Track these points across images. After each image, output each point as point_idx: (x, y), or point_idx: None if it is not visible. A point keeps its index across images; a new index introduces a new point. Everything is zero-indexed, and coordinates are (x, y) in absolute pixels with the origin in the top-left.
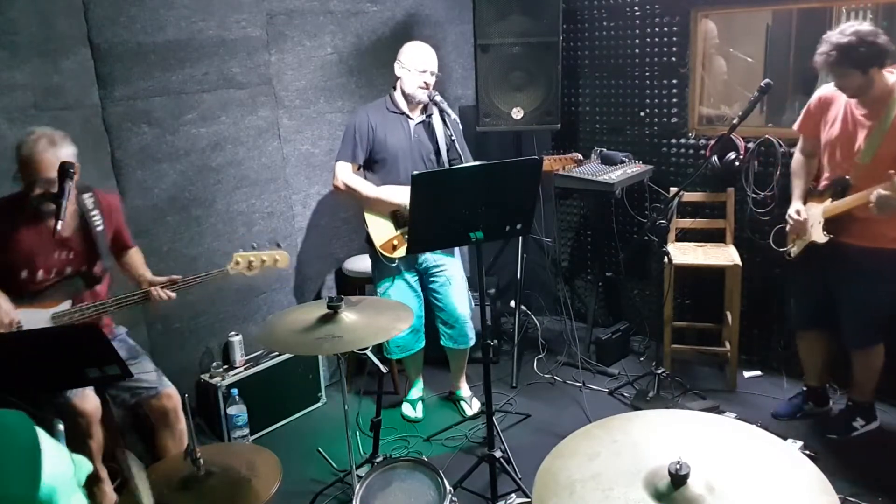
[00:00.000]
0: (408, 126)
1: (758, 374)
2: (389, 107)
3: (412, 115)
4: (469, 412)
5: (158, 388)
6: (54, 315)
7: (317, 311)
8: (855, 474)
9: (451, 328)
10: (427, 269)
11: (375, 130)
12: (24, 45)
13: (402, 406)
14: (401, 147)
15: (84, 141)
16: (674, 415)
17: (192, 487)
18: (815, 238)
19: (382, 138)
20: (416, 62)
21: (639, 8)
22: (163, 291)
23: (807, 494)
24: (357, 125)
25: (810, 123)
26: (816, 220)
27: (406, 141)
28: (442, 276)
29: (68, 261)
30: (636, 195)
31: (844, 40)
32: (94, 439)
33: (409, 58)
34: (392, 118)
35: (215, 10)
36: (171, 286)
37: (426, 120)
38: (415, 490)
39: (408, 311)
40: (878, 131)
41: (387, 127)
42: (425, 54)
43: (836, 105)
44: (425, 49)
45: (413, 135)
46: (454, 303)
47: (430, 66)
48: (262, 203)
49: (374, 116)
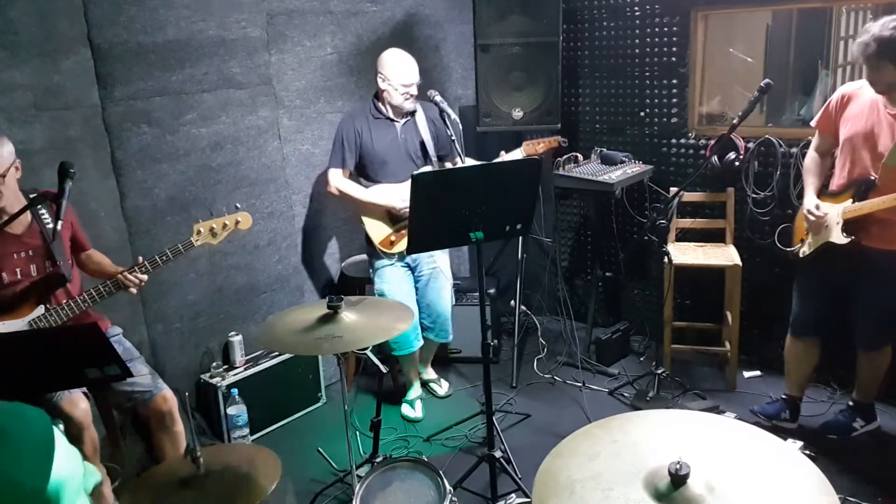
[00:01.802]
0: (394, 129)
1: (758, 374)
2: (374, 113)
3: (397, 118)
4: (441, 392)
5: (153, 390)
6: (31, 322)
7: (317, 311)
8: (855, 474)
9: (434, 323)
10: (416, 267)
11: (362, 136)
12: (24, 45)
13: (401, 407)
14: (389, 150)
15: (84, 141)
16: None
17: (192, 487)
18: (834, 239)
19: (369, 143)
20: (400, 78)
21: (639, 8)
22: (131, 275)
23: (807, 494)
24: (343, 133)
25: (829, 120)
26: (834, 221)
27: (394, 143)
28: (431, 272)
29: (29, 258)
30: (636, 195)
31: (887, 34)
32: (85, 444)
33: (391, 73)
34: (377, 123)
35: (215, 10)
36: (139, 268)
37: (409, 120)
38: (415, 490)
39: (408, 310)
40: None
41: (372, 132)
42: (406, 69)
43: (858, 101)
44: (405, 62)
45: (400, 136)
46: (440, 300)
47: (412, 80)
48: (262, 203)
49: (359, 123)
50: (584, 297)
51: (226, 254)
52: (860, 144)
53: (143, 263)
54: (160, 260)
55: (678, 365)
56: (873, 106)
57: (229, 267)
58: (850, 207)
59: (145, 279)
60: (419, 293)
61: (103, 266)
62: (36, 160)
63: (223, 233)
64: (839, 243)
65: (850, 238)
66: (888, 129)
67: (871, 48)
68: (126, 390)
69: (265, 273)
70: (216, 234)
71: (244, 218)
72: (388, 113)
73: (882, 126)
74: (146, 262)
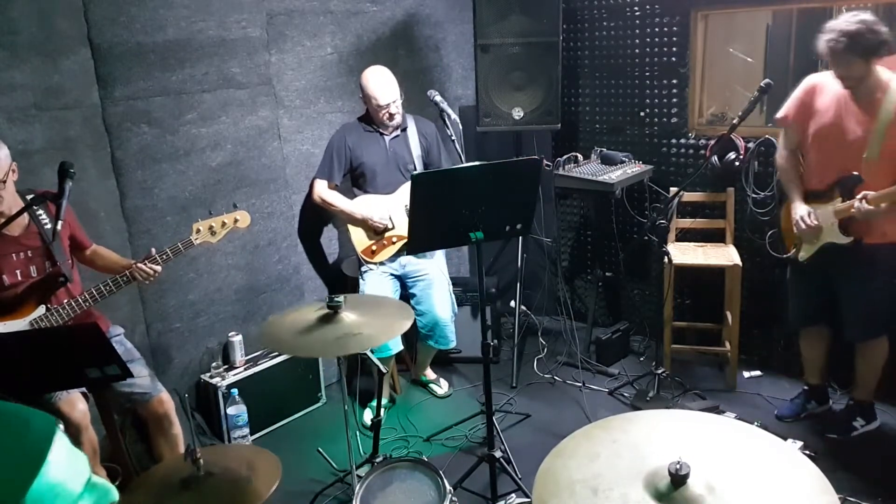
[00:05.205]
0: (383, 141)
1: (758, 374)
2: (365, 125)
3: (386, 131)
4: (440, 392)
5: (152, 392)
6: (32, 322)
7: (317, 311)
8: (855, 474)
9: (432, 331)
10: (406, 275)
11: (353, 150)
12: (24, 45)
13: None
14: (377, 161)
15: (84, 141)
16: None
17: (192, 487)
18: (835, 240)
19: (360, 155)
20: (376, 99)
21: (639, 8)
22: (146, 266)
23: (807, 494)
24: (335, 147)
25: (803, 109)
26: (829, 222)
27: (382, 155)
28: (423, 280)
29: (29, 260)
30: (636, 195)
31: (853, 28)
32: (84, 445)
33: (369, 95)
34: (367, 136)
35: (215, 10)
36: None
37: (400, 135)
38: (415, 490)
39: (409, 309)
40: (880, 124)
41: (362, 144)
42: (383, 90)
43: (824, 95)
44: (383, 83)
45: (389, 149)
46: (435, 308)
47: (389, 99)
48: (262, 203)
49: (351, 137)
50: (584, 297)
51: (226, 254)
52: (830, 138)
53: (155, 256)
54: (160, 259)
55: (678, 365)
56: (840, 98)
57: (229, 267)
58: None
59: (159, 270)
60: (415, 300)
61: (112, 260)
62: (36, 160)
63: (222, 231)
64: (841, 244)
65: (851, 238)
66: (856, 121)
67: (842, 43)
68: (126, 391)
69: (265, 273)
70: (215, 233)
71: (243, 217)
72: (377, 126)
73: (850, 118)
74: (158, 254)
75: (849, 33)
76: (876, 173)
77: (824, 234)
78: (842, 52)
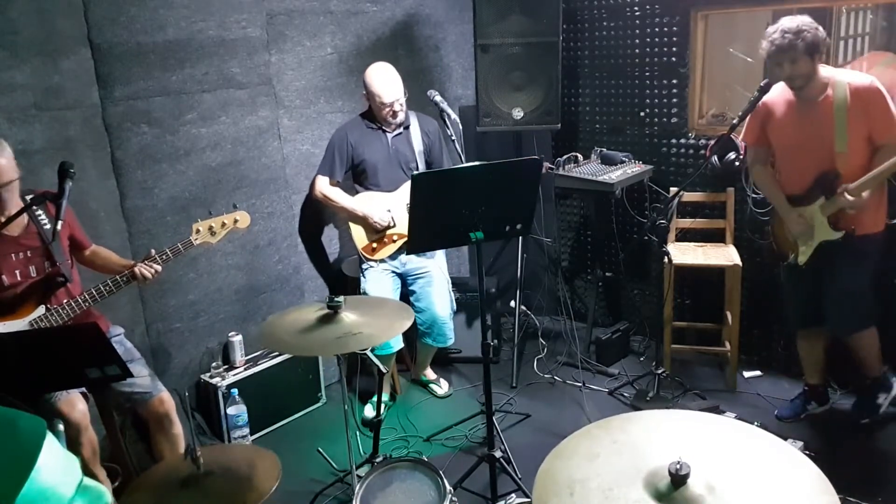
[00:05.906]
0: (385, 139)
1: (758, 374)
2: (367, 122)
3: (388, 129)
4: (440, 392)
5: (153, 392)
6: (32, 322)
7: (317, 311)
8: (855, 474)
9: (430, 329)
10: (407, 273)
11: (355, 148)
12: (24, 45)
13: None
14: (379, 159)
15: (84, 141)
16: (674, 415)
17: (192, 487)
18: (828, 237)
19: (361, 153)
20: (380, 97)
21: (639, 8)
22: (147, 266)
23: (807, 494)
24: (337, 144)
25: (760, 134)
26: (818, 221)
27: (384, 152)
28: (423, 277)
29: (28, 260)
30: (636, 195)
31: (794, 25)
32: (84, 445)
33: (372, 92)
34: (369, 133)
35: (215, 10)
36: (150, 260)
37: (402, 132)
38: (415, 490)
39: (408, 309)
40: (838, 118)
41: (365, 142)
42: (387, 88)
43: (777, 108)
44: (387, 80)
45: (391, 146)
46: (434, 306)
47: (393, 97)
48: (262, 203)
49: (353, 134)
50: (584, 297)
51: (226, 254)
52: (797, 146)
53: (155, 256)
54: (160, 259)
55: (678, 365)
56: (792, 107)
57: (229, 267)
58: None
59: (160, 269)
60: (414, 297)
61: (112, 260)
62: (36, 160)
63: (222, 231)
64: (833, 239)
65: (842, 232)
66: (815, 122)
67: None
68: (125, 391)
69: (265, 273)
70: (215, 233)
71: (242, 217)
72: (380, 123)
73: (809, 122)
74: (157, 254)
75: (792, 30)
76: (850, 164)
77: (817, 233)
78: (787, 47)
